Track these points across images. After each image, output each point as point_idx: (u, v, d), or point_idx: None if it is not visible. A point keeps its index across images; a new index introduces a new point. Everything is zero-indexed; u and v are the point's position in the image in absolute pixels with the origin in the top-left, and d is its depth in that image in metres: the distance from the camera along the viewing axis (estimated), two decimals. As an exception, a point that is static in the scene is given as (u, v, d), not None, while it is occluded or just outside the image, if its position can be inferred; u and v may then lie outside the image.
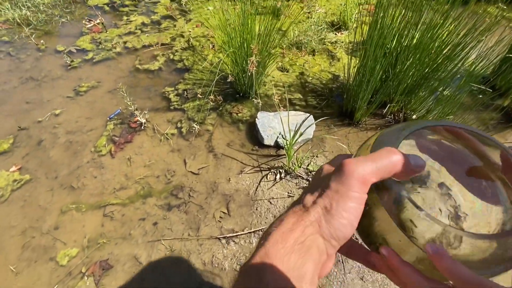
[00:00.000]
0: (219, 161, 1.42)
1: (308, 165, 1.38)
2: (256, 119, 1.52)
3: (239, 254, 1.12)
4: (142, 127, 1.56)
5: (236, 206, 1.25)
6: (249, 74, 1.38)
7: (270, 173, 1.36)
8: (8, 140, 1.51)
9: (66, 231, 1.20)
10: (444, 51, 1.31)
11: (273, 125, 1.47)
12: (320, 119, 1.52)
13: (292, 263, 0.20)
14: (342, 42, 2.15)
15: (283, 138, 1.43)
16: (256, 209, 1.24)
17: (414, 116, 1.58)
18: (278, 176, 1.34)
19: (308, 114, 1.52)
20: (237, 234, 1.15)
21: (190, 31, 2.17)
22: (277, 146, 1.47)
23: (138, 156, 1.45)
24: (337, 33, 2.23)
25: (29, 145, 1.49)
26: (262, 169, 1.38)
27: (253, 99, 1.67)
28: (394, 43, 1.38)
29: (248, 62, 1.25)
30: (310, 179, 1.34)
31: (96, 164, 1.41)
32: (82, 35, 2.17)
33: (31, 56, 1.99)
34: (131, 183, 1.34)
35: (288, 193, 1.28)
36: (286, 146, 1.34)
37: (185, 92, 1.75)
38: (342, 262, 1.08)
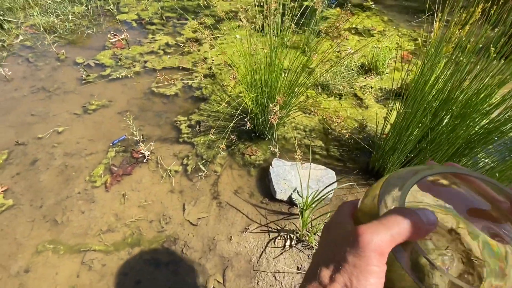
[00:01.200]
0: (222, 212, 1.25)
1: (324, 233, 1.18)
2: (271, 167, 1.35)
3: None
4: (145, 160, 1.42)
5: (234, 275, 1.06)
6: (270, 124, 1.23)
7: (279, 237, 1.17)
8: (2, 156, 1.40)
9: (36, 276, 1.04)
10: (497, 119, 1.13)
11: (289, 177, 1.30)
12: (344, 184, 1.34)
13: None
14: (371, 87, 2.01)
15: (299, 195, 1.25)
16: (257, 283, 1.04)
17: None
18: (288, 243, 1.15)
19: (330, 171, 1.34)
20: (231, 315, 0.95)
21: (213, 59, 2.09)
22: (290, 202, 1.29)
23: (135, 192, 1.30)
24: (367, 78, 2.09)
25: (22, 163, 1.38)
26: (270, 229, 1.19)
27: (270, 144, 1.52)
28: (437, 104, 1.21)
29: (270, 107, 1.11)
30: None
31: (87, 197, 1.27)
32: (104, 49, 2.13)
33: (49, 65, 1.95)
34: (120, 226, 1.18)
35: (298, 267, 1.08)
36: (300, 206, 1.15)
37: (198, 124, 1.62)
38: None
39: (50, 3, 2.42)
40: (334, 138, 1.62)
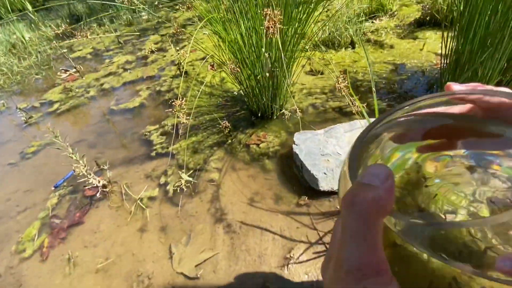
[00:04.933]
0: (236, 241, 0.71)
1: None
2: (294, 145, 0.83)
3: None
4: (101, 194, 0.91)
5: None
6: (275, 92, 0.75)
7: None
8: None
9: None
10: None
11: (330, 149, 0.77)
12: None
13: None
14: (385, 28, 1.55)
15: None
16: None
17: None
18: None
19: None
20: None
21: (180, 56, 1.67)
22: (345, 190, 0.75)
23: (89, 250, 0.77)
24: (374, 21, 1.64)
25: None
26: (327, 243, 0.64)
27: (281, 115, 1.01)
28: None
29: (265, 23, 0.63)
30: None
31: (12, 278, 0.75)
32: (54, 87, 1.75)
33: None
34: (64, 317, 0.64)
35: None
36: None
37: (176, 128, 1.14)
38: None
39: (-10, 61, 2.11)
40: (370, 90, 1.12)
